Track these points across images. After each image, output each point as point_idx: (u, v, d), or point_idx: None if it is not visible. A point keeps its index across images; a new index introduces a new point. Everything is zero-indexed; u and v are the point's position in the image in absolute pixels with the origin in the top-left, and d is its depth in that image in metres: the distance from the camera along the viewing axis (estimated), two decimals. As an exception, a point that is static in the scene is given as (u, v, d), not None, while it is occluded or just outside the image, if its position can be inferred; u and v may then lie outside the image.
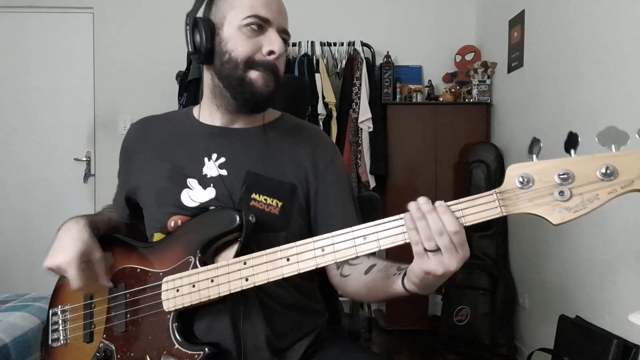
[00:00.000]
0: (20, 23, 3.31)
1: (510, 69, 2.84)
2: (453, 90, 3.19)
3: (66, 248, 0.87)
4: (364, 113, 3.00)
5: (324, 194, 0.97)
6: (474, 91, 3.07)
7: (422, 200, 0.68)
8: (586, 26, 2.08)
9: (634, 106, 1.77)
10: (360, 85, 3.03)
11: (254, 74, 0.90)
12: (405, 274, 0.75)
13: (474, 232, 2.83)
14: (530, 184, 0.66)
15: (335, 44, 3.18)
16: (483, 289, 2.69)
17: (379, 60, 3.26)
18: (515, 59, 2.75)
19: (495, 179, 2.77)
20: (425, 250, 0.67)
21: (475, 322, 2.66)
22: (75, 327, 0.94)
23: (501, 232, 2.82)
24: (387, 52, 3.25)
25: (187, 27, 0.92)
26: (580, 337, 1.93)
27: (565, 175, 0.64)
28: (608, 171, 0.63)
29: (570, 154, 0.65)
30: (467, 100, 3.12)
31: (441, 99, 3.16)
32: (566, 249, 2.22)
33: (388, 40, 3.34)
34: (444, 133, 3.07)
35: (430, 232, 0.66)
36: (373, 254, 0.77)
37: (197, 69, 2.98)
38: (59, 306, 0.97)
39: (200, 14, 0.96)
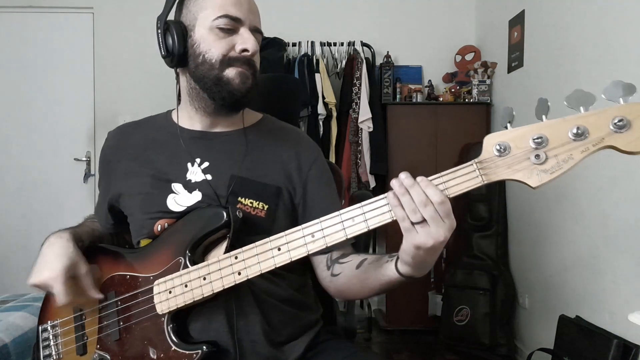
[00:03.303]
0: (20, 23, 3.31)
1: (510, 69, 2.84)
2: (453, 90, 3.19)
3: (51, 264, 0.86)
4: (364, 113, 3.00)
5: (311, 191, 0.97)
6: (474, 91, 3.07)
7: (403, 176, 0.69)
8: (586, 26, 2.08)
9: (634, 106, 1.77)
10: (360, 85, 3.03)
11: (230, 72, 0.90)
12: (397, 259, 0.75)
13: (474, 232, 2.83)
14: (507, 151, 0.68)
15: (335, 44, 3.18)
16: (483, 289, 2.68)
17: (379, 60, 3.26)
18: (515, 59, 2.75)
19: (495, 179, 2.76)
20: (412, 224, 0.68)
21: (475, 322, 2.66)
22: (67, 341, 0.93)
23: (501, 232, 2.82)
24: (387, 52, 3.25)
25: (159, 31, 0.91)
26: (580, 337, 1.93)
27: (540, 139, 0.66)
28: (579, 131, 0.65)
29: (542, 120, 0.68)
30: (467, 100, 3.12)
31: (441, 99, 3.16)
32: (566, 249, 2.22)
33: (388, 40, 3.34)
34: (444, 133, 3.07)
35: (415, 205, 0.67)
36: (364, 250, 0.77)
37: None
38: (49, 322, 0.96)
39: (171, 17, 0.95)
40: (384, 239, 3.20)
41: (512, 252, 2.82)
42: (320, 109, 2.99)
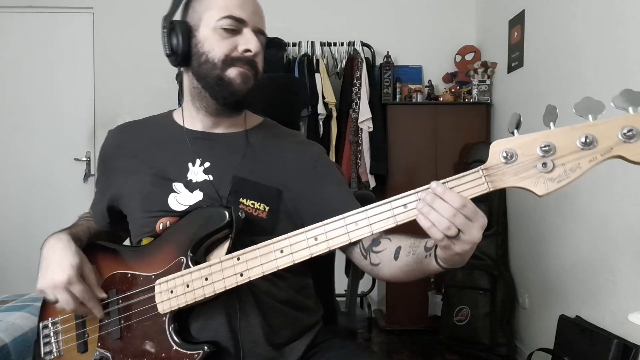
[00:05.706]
0: (20, 23, 3.31)
1: (510, 69, 2.84)
2: (453, 90, 3.19)
3: (60, 265, 0.86)
4: (364, 113, 3.00)
5: (318, 191, 0.96)
6: (474, 91, 3.07)
7: (423, 194, 0.70)
8: (586, 26, 2.08)
9: (634, 106, 1.77)
10: (360, 85, 3.02)
11: (232, 72, 0.90)
12: (437, 256, 0.75)
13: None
14: (514, 158, 0.68)
15: (335, 44, 3.18)
16: (483, 289, 2.68)
17: (379, 60, 3.26)
18: (515, 59, 2.75)
19: (495, 179, 2.76)
20: (449, 237, 0.67)
21: (475, 322, 2.66)
22: (68, 338, 0.93)
23: (501, 232, 2.82)
24: (387, 52, 3.25)
25: (164, 30, 0.92)
26: (580, 337, 1.93)
27: (547, 147, 0.66)
28: (587, 140, 0.65)
29: (550, 127, 0.67)
30: (467, 100, 3.12)
31: (441, 99, 3.16)
32: (566, 249, 2.22)
33: (388, 40, 3.34)
34: (444, 133, 3.07)
35: (445, 219, 0.66)
36: (392, 231, 0.78)
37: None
38: (49, 318, 0.95)
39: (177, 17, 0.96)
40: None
41: (512, 252, 2.82)
42: (320, 109, 2.99)
